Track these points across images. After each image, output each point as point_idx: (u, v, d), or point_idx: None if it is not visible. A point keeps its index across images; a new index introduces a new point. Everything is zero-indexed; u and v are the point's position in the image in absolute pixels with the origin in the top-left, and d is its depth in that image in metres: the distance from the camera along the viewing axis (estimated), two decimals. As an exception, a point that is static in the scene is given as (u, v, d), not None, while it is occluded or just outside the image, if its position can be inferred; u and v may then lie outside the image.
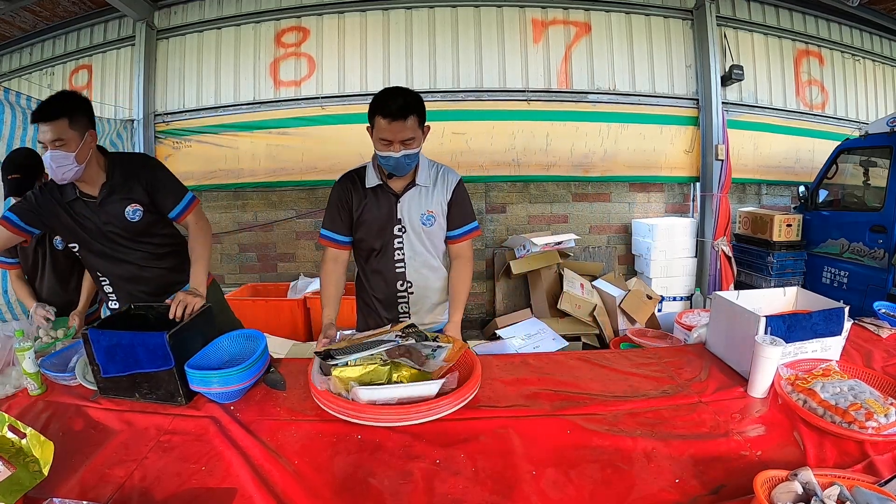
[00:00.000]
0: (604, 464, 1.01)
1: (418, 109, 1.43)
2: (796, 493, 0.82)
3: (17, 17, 4.36)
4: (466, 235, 1.66)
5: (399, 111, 1.39)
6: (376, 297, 1.70)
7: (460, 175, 1.68)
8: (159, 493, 0.94)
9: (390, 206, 1.58)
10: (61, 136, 1.43)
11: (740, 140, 4.45)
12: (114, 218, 1.62)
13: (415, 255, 1.62)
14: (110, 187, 1.60)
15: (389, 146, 1.43)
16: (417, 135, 1.45)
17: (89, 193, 1.59)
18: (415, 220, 1.59)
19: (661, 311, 4.16)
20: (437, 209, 1.61)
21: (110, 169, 1.62)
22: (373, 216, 1.60)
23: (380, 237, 1.61)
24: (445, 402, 1.14)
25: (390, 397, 1.15)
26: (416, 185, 1.59)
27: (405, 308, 1.68)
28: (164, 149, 4.38)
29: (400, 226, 1.59)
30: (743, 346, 1.34)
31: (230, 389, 1.23)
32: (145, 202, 1.65)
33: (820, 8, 4.65)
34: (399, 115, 1.39)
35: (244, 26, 4.32)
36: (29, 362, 1.30)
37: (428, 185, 1.60)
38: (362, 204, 1.60)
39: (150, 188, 1.65)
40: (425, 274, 1.65)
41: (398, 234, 1.60)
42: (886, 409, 1.07)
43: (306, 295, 3.76)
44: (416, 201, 1.59)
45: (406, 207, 1.59)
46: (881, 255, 3.41)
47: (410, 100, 1.42)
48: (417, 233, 1.60)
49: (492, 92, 4.14)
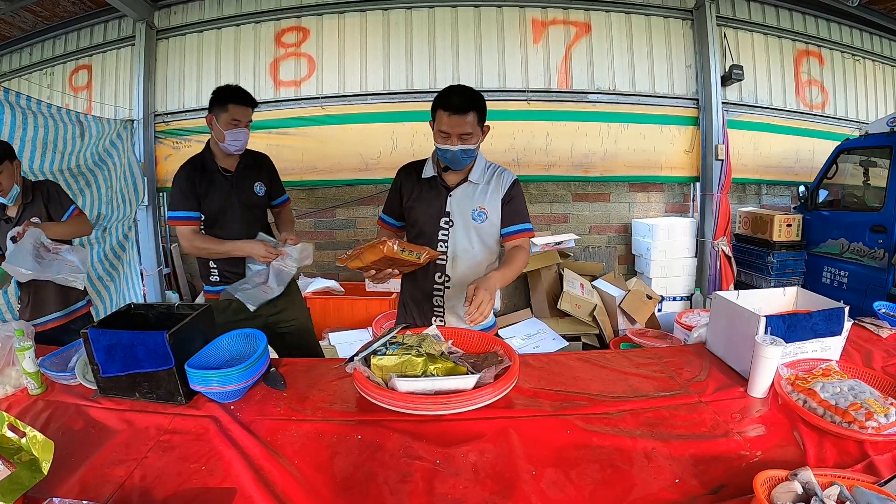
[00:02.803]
0: (604, 464, 1.01)
1: (478, 107, 1.50)
2: (796, 493, 0.82)
3: (17, 17, 4.36)
4: (520, 234, 1.66)
5: (460, 106, 1.46)
6: (414, 290, 1.72)
7: (516, 175, 1.71)
8: (159, 492, 0.94)
9: (441, 198, 1.63)
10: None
11: (740, 140, 4.44)
12: (245, 189, 1.96)
13: (458, 250, 1.64)
14: (244, 165, 1.98)
15: (448, 139, 1.49)
16: (476, 131, 1.51)
17: (227, 168, 1.94)
18: (465, 215, 1.62)
19: (661, 311, 4.16)
20: (489, 206, 1.63)
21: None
22: (422, 206, 1.65)
23: (427, 227, 1.64)
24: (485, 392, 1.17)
25: (429, 389, 1.18)
26: (468, 182, 1.63)
27: (440, 302, 1.68)
28: (164, 149, 4.38)
29: (447, 219, 1.63)
30: (743, 346, 1.34)
31: (230, 389, 1.23)
32: (267, 183, 2.04)
33: (820, 8, 4.65)
34: (460, 110, 1.46)
35: (244, 26, 4.32)
36: (29, 362, 1.30)
37: (480, 183, 1.64)
38: (414, 193, 1.66)
39: (271, 175, 2.09)
40: (465, 271, 1.65)
41: (444, 227, 1.63)
42: (886, 409, 1.07)
43: (306, 295, 3.76)
44: (468, 197, 1.63)
45: (456, 202, 1.62)
46: (881, 255, 3.41)
47: (472, 96, 1.49)
48: (466, 228, 1.63)
49: (492, 92, 4.15)
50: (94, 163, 3.57)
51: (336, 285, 3.82)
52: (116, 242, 3.88)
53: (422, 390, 1.18)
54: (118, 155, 3.86)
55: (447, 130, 1.48)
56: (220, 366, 1.32)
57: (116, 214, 3.81)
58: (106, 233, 3.73)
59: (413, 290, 1.73)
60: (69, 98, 4.54)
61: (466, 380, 1.20)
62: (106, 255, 3.73)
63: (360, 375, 1.24)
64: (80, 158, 3.41)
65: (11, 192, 2.03)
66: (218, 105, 1.84)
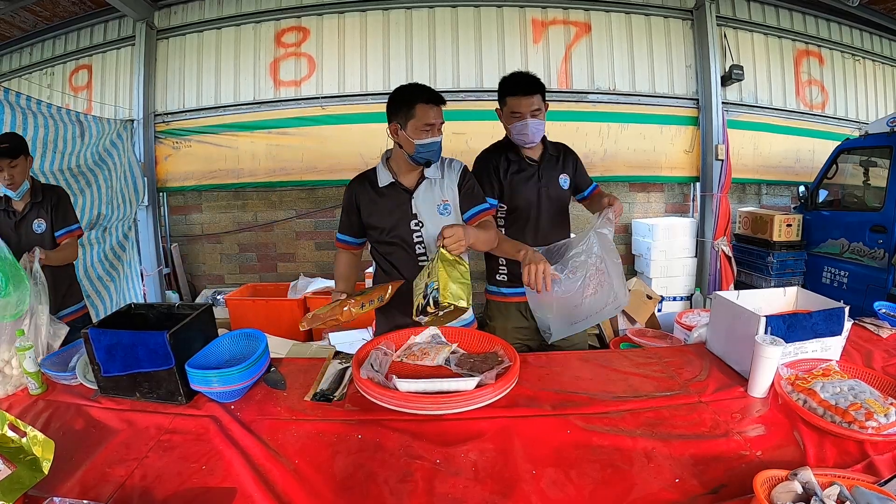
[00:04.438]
0: (604, 464, 1.01)
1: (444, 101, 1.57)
2: (796, 492, 0.82)
3: (17, 17, 4.36)
4: (481, 214, 1.68)
5: (437, 97, 1.54)
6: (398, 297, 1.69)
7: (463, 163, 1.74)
8: (160, 492, 0.94)
9: (404, 202, 1.62)
10: (538, 106, 1.73)
11: (740, 140, 4.44)
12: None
13: (434, 246, 1.62)
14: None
15: (432, 131, 1.54)
16: (443, 122, 1.58)
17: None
18: (432, 212, 1.63)
19: (661, 311, 4.16)
20: (450, 197, 1.66)
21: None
22: (386, 214, 1.63)
23: (397, 234, 1.63)
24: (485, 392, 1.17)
25: (429, 389, 1.19)
26: (426, 179, 1.64)
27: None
28: (163, 149, 4.38)
29: (416, 220, 1.63)
30: (743, 346, 1.34)
31: (230, 389, 1.23)
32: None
33: (820, 8, 4.65)
34: (439, 101, 1.54)
35: (244, 26, 4.32)
36: (29, 361, 1.30)
37: (437, 177, 1.66)
38: (374, 204, 1.64)
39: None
40: None
41: (416, 229, 1.63)
42: (886, 409, 1.07)
43: (306, 295, 3.76)
44: (430, 194, 1.64)
45: (420, 201, 1.63)
46: (881, 255, 3.41)
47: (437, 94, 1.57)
48: (436, 224, 1.62)
49: (492, 92, 4.11)
50: (95, 163, 3.58)
51: (336, 285, 3.82)
52: (116, 242, 3.88)
53: (422, 391, 1.19)
54: (118, 155, 3.86)
55: (432, 121, 1.52)
56: (221, 366, 1.32)
57: (116, 214, 3.81)
58: (106, 233, 3.73)
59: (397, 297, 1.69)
60: (69, 98, 4.53)
61: (467, 381, 1.21)
62: (106, 255, 3.73)
63: (360, 375, 1.25)
64: (80, 158, 3.41)
65: (21, 188, 2.04)
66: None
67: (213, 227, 4.63)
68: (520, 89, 1.71)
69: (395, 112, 1.56)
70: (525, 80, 1.73)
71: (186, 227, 4.63)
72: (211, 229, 4.63)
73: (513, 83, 1.74)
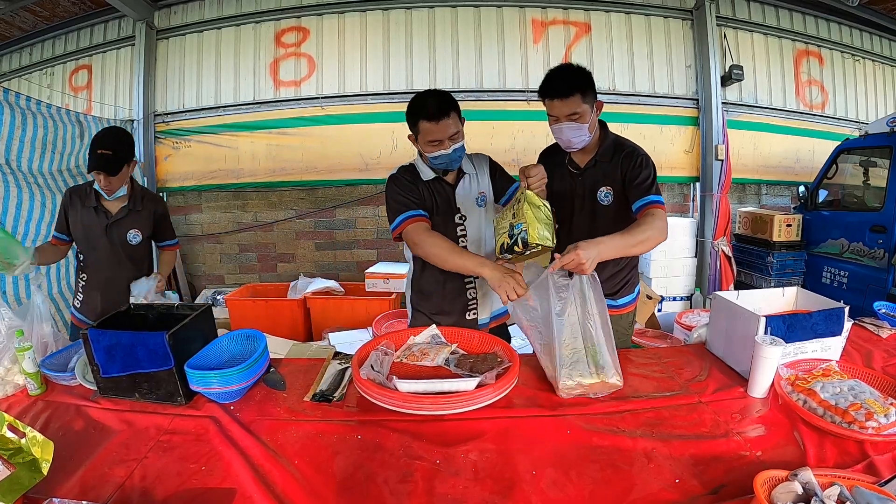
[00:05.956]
0: (604, 464, 1.01)
1: (455, 105, 1.54)
2: (796, 493, 0.82)
3: (17, 17, 4.36)
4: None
5: (440, 111, 1.49)
6: (441, 290, 1.71)
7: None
8: (159, 492, 0.94)
9: (448, 197, 1.66)
10: (576, 109, 1.55)
11: (740, 140, 4.44)
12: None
13: (477, 239, 1.70)
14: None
15: (440, 145, 1.52)
16: (460, 128, 1.56)
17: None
18: (471, 205, 1.69)
19: (661, 311, 4.16)
20: (486, 188, 1.74)
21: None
22: (433, 207, 1.65)
23: (442, 228, 1.63)
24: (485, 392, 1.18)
25: (430, 390, 1.19)
26: (465, 174, 1.69)
27: (473, 294, 1.73)
28: (163, 149, 4.38)
29: (460, 214, 1.67)
30: (743, 346, 1.34)
31: (230, 389, 1.23)
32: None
33: (820, 8, 4.65)
34: (442, 115, 1.49)
35: (244, 26, 4.32)
36: (29, 362, 1.30)
37: (472, 172, 1.71)
38: (423, 195, 1.65)
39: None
40: (489, 253, 1.68)
41: (459, 223, 1.67)
42: (886, 409, 1.07)
43: (306, 295, 3.75)
44: (468, 188, 1.70)
45: (462, 196, 1.68)
46: (881, 255, 3.40)
47: (445, 98, 1.53)
48: (476, 216, 1.69)
49: (492, 92, 4.14)
50: (94, 163, 3.57)
51: (336, 285, 3.82)
52: (116, 242, 3.87)
53: (422, 391, 1.19)
54: (118, 155, 3.85)
55: (438, 137, 1.50)
56: (220, 366, 1.32)
57: (116, 214, 3.80)
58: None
59: (440, 290, 1.71)
60: (69, 98, 4.53)
61: (468, 382, 1.21)
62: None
63: (359, 376, 1.25)
64: (80, 158, 3.41)
65: (117, 193, 1.95)
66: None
67: (212, 227, 4.63)
68: (552, 91, 1.54)
69: (409, 123, 1.59)
70: (560, 78, 1.56)
71: (186, 227, 4.63)
72: (211, 229, 4.63)
73: (546, 83, 1.57)
